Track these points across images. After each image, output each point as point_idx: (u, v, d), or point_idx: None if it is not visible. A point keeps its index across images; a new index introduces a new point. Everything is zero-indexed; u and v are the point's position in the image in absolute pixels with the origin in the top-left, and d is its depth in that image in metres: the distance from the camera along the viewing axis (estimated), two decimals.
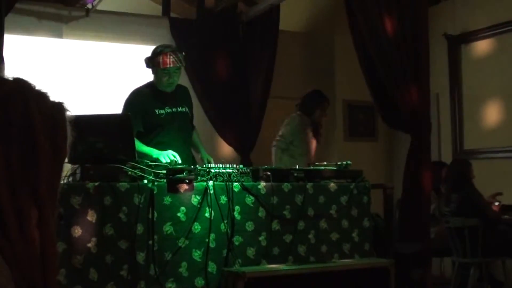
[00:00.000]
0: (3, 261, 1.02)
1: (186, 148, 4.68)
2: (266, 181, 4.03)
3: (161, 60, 4.51)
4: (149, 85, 4.73)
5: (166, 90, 4.63)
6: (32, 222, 1.08)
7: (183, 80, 4.82)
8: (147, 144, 4.43)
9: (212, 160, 4.60)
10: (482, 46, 7.19)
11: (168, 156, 4.24)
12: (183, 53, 4.65)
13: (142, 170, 3.67)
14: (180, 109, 4.68)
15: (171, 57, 4.51)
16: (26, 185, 1.08)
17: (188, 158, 4.63)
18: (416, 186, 5.30)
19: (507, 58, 6.86)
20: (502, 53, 6.95)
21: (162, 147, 4.41)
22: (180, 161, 4.22)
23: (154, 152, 4.34)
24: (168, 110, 4.61)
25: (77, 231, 3.35)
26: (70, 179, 3.55)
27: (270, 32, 7.36)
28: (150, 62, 4.62)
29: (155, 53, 4.60)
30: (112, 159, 3.64)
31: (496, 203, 5.89)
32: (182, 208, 3.70)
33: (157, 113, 4.58)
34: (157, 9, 7.93)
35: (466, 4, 7.33)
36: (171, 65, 4.50)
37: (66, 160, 1.22)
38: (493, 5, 6.96)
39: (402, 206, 5.43)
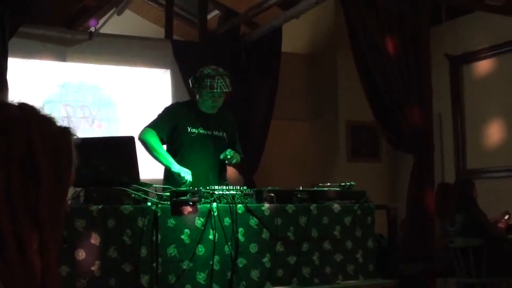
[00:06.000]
0: (2, 285, 1.02)
1: (211, 172, 4.48)
2: (269, 202, 4.01)
3: (208, 83, 4.41)
4: (191, 103, 4.70)
5: (208, 112, 4.54)
6: (32, 246, 1.08)
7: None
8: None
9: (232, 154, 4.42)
10: (484, 66, 7.21)
11: (187, 173, 4.19)
12: (227, 77, 4.50)
13: (145, 192, 3.67)
14: (216, 133, 4.56)
15: (219, 81, 4.40)
16: (26, 209, 1.08)
17: (209, 182, 4.34)
18: (420, 206, 5.30)
19: (509, 78, 6.88)
20: (503, 73, 6.97)
21: (185, 165, 4.32)
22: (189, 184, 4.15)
23: (175, 166, 4.28)
24: (202, 131, 4.50)
25: (81, 254, 3.34)
26: (74, 202, 3.55)
27: (272, 54, 7.40)
28: (197, 83, 4.51)
29: (202, 75, 4.47)
30: (116, 181, 3.64)
31: (506, 217, 5.90)
32: (186, 230, 3.68)
33: (189, 130, 4.47)
34: (160, 32, 7.99)
35: (468, 24, 7.36)
36: (218, 90, 4.40)
37: None
38: (494, 26, 7.00)
39: (406, 226, 5.42)
